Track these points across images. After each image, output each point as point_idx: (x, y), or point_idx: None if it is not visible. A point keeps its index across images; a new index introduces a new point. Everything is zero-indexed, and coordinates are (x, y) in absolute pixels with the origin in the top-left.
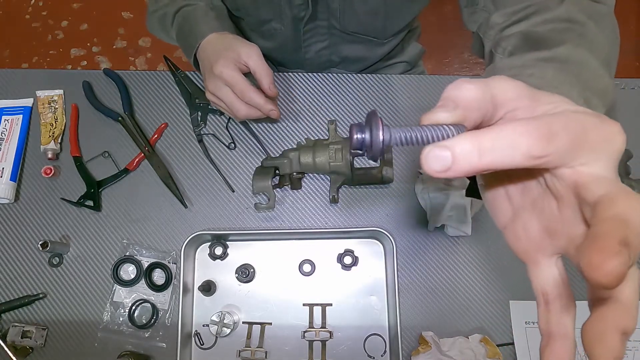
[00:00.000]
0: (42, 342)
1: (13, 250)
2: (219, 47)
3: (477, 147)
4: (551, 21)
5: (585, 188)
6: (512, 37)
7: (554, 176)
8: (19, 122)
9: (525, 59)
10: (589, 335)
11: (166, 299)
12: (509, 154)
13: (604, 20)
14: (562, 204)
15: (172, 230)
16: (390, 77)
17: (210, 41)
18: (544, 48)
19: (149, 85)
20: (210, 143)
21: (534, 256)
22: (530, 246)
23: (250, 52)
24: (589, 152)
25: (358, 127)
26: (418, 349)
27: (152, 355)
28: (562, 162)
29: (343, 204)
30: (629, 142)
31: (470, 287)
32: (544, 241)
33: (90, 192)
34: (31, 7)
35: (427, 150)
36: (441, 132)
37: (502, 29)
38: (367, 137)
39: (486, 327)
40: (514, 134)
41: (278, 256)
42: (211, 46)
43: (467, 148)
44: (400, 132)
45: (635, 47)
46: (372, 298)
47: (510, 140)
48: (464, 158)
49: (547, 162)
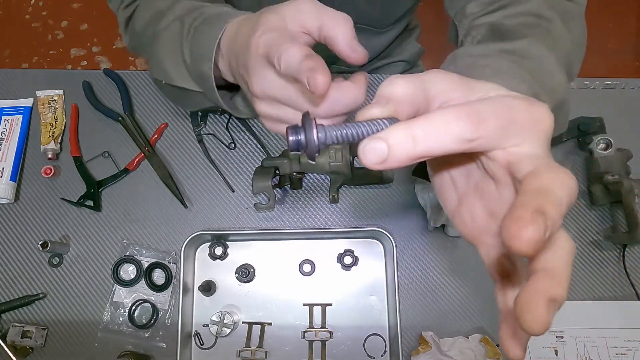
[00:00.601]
0: (42, 342)
1: (13, 250)
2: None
3: (410, 135)
4: (521, 14)
5: (516, 167)
6: (482, 27)
7: (489, 159)
8: (19, 122)
9: (484, 49)
10: (518, 303)
11: (166, 299)
12: (442, 140)
13: (572, 20)
14: (499, 185)
15: (172, 230)
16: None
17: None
18: (507, 40)
19: (149, 85)
20: (210, 143)
21: (480, 238)
22: (476, 229)
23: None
24: (519, 133)
25: (293, 128)
26: (418, 349)
27: (152, 355)
28: (494, 144)
29: (343, 204)
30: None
31: (470, 287)
32: (488, 223)
33: (90, 192)
34: (31, 7)
35: (364, 144)
36: (375, 126)
37: (475, 19)
38: (302, 137)
39: (486, 327)
40: (445, 120)
41: (278, 256)
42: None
43: (401, 137)
44: (335, 130)
45: (635, 47)
46: (372, 298)
47: (441, 126)
48: (399, 147)
49: (479, 145)
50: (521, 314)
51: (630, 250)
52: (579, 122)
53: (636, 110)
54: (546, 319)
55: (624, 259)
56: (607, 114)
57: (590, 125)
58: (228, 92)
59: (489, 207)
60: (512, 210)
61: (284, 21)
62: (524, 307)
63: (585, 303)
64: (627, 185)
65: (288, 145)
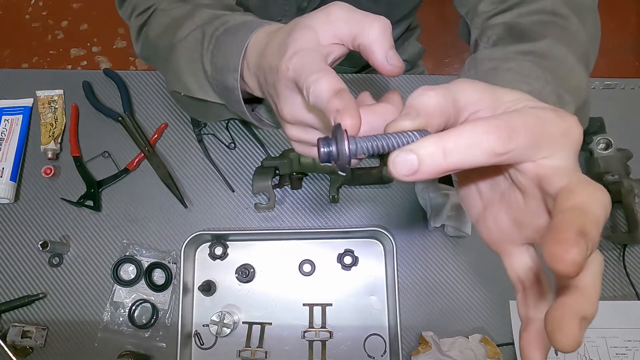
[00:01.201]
0: (42, 342)
1: (13, 250)
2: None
3: (441, 148)
4: (536, 12)
5: (547, 181)
6: (497, 27)
7: (518, 171)
8: (19, 122)
9: (506, 52)
10: (550, 321)
11: (166, 299)
12: (473, 153)
13: (587, 15)
14: (527, 197)
15: (172, 230)
16: (390, 77)
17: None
18: (525, 41)
19: (149, 85)
20: (210, 143)
21: (505, 247)
22: (500, 237)
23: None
24: (549, 145)
25: (324, 140)
26: (418, 349)
27: (152, 355)
28: (524, 157)
29: (343, 204)
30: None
31: (470, 287)
32: (513, 232)
33: (90, 192)
34: (31, 7)
35: (394, 156)
36: (406, 138)
37: (488, 18)
38: (333, 149)
39: (486, 327)
40: (476, 133)
41: (278, 256)
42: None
43: (432, 149)
44: (366, 141)
45: (635, 47)
46: (372, 298)
47: (472, 139)
48: (430, 159)
49: (509, 158)
50: (553, 332)
51: (630, 250)
52: None
53: (636, 110)
54: (578, 338)
55: (624, 259)
56: (607, 114)
57: (590, 125)
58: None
59: (515, 216)
60: (554, 231)
61: (315, 36)
62: (555, 325)
63: None
64: (627, 185)
65: (319, 157)
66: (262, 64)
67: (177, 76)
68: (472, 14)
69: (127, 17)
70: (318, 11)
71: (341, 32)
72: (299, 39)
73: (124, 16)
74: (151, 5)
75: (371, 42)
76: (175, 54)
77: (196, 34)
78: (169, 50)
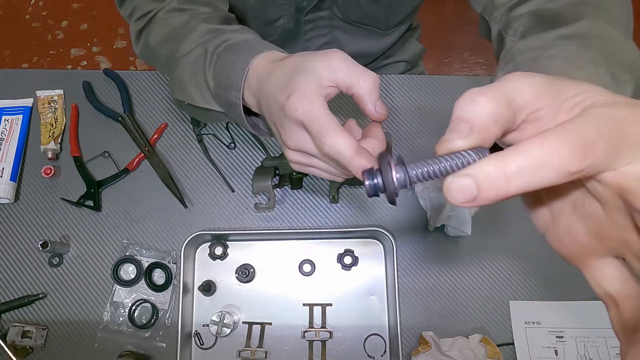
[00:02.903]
0: (42, 342)
1: (13, 250)
2: (285, 74)
3: (502, 172)
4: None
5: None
6: (523, 17)
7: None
8: (19, 122)
9: (544, 39)
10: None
11: (166, 299)
12: (541, 175)
13: None
14: (608, 208)
15: (172, 230)
16: (390, 77)
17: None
18: (561, 25)
19: (149, 85)
20: (210, 143)
21: (585, 259)
22: (577, 250)
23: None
24: (630, 150)
25: (369, 172)
26: (418, 349)
27: (152, 355)
28: (603, 168)
29: (343, 204)
30: None
31: (470, 287)
32: (593, 244)
33: (90, 192)
34: (31, 7)
35: (449, 182)
36: (461, 159)
37: (509, 10)
38: (379, 181)
39: (486, 327)
40: (544, 152)
41: (278, 256)
42: (273, 78)
43: (492, 174)
44: (415, 168)
45: None
46: (372, 298)
47: (540, 159)
48: (491, 185)
49: (586, 174)
50: None
51: None
52: None
53: None
54: None
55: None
56: None
57: None
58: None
59: (595, 229)
60: None
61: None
62: None
63: (585, 303)
64: None
65: (366, 191)
66: (265, 91)
67: (181, 87)
68: (490, 8)
69: (127, 17)
70: (321, 57)
71: (339, 80)
72: (303, 82)
73: (124, 15)
74: (150, 11)
75: (363, 93)
76: (179, 67)
77: (199, 50)
78: (171, 61)
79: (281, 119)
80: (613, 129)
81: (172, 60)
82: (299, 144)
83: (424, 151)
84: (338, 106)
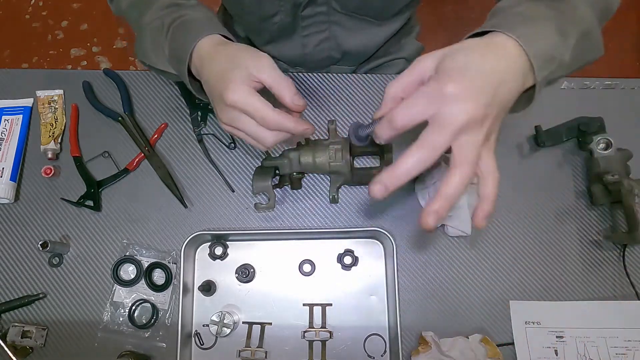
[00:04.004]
0: (42, 342)
1: (13, 250)
2: (222, 64)
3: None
4: None
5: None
6: None
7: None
8: (19, 122)
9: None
10: None
11: (166, 299)
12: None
13: None
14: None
15: (172, 230)
16: (390, 77)
17: (211, 54)
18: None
19: (149, 85)
20: (210, 143)
21: None
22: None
23: (261, 65)
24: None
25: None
26: (418, 349)
27: (152, 355)
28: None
29: (343, 204)
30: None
31: (470, 287)
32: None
33: (90, 192)
34: (31, 7)
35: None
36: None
37: None
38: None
39: (486, 327)
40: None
41: (278, 256)
42: (214, 62)
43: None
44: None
45: (635, 47)
46: (372, 298)
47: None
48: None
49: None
50: None
51: (630, 250)
52: (579, 122)
53: (636, 110)
54: None
55: (624, 259)
56: (607, 114)
57: (590, 125)
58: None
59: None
60: None
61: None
62: None
63: (585, 303)
64: (627, 185)
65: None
66: (205, 74)
67: (144, 52)
68: None
69: None
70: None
71: (264, 80)
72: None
73: None
74: None
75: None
76: (143, 35)
77: (157, 23)
78: (137, 26)
79: (217, 101)
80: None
81: (137, 26)
82: (231, 121)
83: None
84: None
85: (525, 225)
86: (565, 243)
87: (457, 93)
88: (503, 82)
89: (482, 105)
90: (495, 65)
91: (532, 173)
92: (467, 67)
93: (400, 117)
